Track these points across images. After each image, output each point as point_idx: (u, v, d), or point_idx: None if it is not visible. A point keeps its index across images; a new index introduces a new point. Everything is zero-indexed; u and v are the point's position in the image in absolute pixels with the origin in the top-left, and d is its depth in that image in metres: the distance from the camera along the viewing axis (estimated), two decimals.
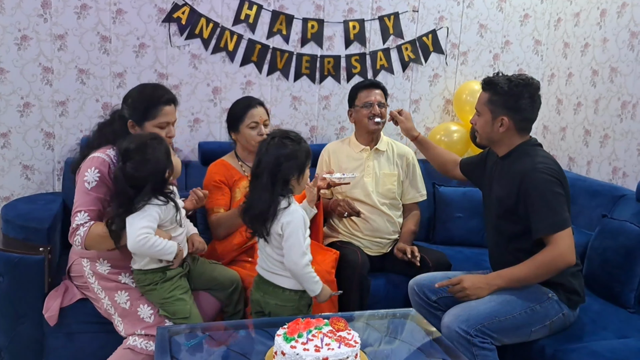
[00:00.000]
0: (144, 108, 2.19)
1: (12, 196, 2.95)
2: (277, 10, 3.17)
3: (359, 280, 2.51)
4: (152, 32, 3.02)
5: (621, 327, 2.25)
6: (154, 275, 2.13)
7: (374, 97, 2.78)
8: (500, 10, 3.51)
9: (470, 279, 2.15)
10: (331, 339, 1.66)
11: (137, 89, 2.28)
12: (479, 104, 2.28)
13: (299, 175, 2.04)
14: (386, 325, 2.18)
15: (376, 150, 2.84)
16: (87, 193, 2.10)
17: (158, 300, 2.14)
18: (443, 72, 3.50)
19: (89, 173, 2.10)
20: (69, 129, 2.99)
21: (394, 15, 3.34)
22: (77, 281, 2.28)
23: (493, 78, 2.23)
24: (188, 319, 2.12)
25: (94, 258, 2.21)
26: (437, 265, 2.61)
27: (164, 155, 2.06)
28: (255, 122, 2.55)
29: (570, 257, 2.05)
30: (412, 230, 2.84)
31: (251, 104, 2.59)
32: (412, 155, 2.91)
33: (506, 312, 2.06)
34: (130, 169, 2.01)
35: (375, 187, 2.81)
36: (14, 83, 2.87)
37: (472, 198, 3.15)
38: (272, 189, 1.99)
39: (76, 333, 2.33)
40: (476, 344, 2.00)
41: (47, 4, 2.85)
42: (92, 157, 2.14)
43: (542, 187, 2.08)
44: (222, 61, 3.16)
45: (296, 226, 1.99)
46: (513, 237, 2.20)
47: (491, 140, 2.28)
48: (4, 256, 2.27)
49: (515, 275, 2.12)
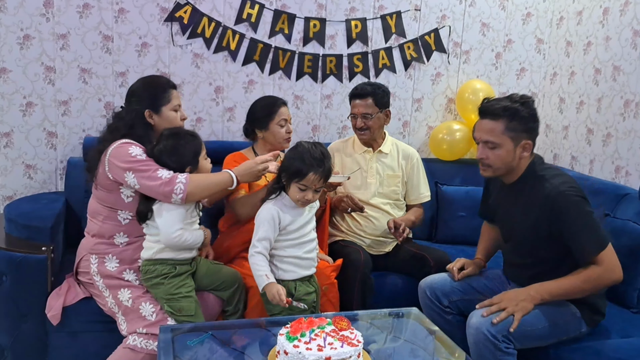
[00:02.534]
0: (155, 94, 2.25)
1: (15, 195, 2.95)
2: (279, 9, 3.17)
3: (361, 279, 2.51)
4: (154, 31, 3.02)
5: (624, 326, 2.25)
6: (163, 267, 2.15)
7: (357, 109, 2.76)
8: (502, 8, 3.51)
9: (511, 296, 2.08)
10: (334, 338, 1.66)
11: (140, 82, 2.33)
12: (494, 136, 2.10)
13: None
14: (389, 324, 2.18)
15: (379, 152, 2.84)
16: (147, 161, 2.13)
17: (164, 296, 2.14)
18: (445, 70, 3.50)
19: (133, 149, 2.13)
20: (72, 128, 2.99)
21: (396, 14, 3.34)
22: (84, 277, 2.28)
23: (501, 105, 2.08)
24: (193, 317, 2.13)
25: (102, 254, 2.21)
26: (438, 264, 2.61)
27: (191, 152, 2.17)
28: (284, 119, 2.61)
29: (619, 274, 2.04)
30: (411, 219, 2.81)
31: (278, 102, 2.64)
32: (416, 157, 2.90)
33: (532, 324, 2.03)
34: (157, 151, 2.15)
35: (378, 188, 2.81)
36: (16, 82, 2.87)
37: (474, 197, 3.13)
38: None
39: (79, 332, 2.33)
40: (501, 349, 1.98)
41: (49, 4, 2.85)
42: (121, 144, 2.15)
43: (575, 211, 2.03)
44: (224, 60, 3.16)
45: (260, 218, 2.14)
46: (554, 259, 2.14)
47: (510, 168, 2.15)
48: (6, 255, 2.27)
49: (562, 288, 2.06)
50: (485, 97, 2.26)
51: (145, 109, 2.24)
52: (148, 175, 2.09)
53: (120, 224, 2.22)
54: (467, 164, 3.43)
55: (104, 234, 2.23)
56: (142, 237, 2.24)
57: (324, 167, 2.10)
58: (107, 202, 2.21)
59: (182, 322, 2.12)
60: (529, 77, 3.64)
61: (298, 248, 2.18)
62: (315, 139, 3.36)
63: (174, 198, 2.09)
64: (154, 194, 2.11)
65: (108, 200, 2.21)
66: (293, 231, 2.16)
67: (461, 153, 3.43)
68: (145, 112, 2.24)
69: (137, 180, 2.10)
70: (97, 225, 2.23)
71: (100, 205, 2.23)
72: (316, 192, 2.14)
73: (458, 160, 3.44)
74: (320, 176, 2.10)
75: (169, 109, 2.27)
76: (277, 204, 2.15)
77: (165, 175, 2.09)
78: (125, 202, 2.20)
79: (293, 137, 3.17)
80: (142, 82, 2.32)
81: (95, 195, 2.25)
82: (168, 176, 2.09)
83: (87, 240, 2.27)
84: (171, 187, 2.07)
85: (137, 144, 2.17)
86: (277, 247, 2.16)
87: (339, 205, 2.70)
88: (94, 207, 2.26)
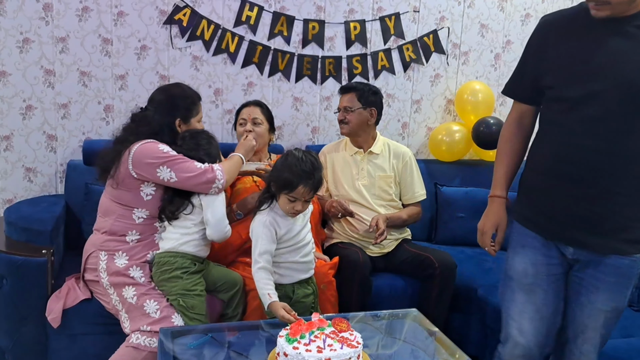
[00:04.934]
0: (190, 106, 2.35)
1: (15, 199, 2.95)
2: (278, 11, 3.17)
3: (360, 281, 2.51)
4: (153, 34, 3.02)
5: (626, 325, 2.25)
6: (184, 260, 2.18)
7: (340, 103, 2.83)
8: (501, 10, 3.51)
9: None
10: (334, 340, 1.66)
11: (174, 90, 2.39)
12: None
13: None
14: (389, 325, 2.18)
15: (370, 153, 2.83)
16: (180, 155, 2.21)
17: (180, 290, 2.16)
18: (444, 72, 3.50)
19: (163, 147, 2.21)
20: (71, 132, 3.00)
21: (395, 16, 3.34)
22: (90, 274, 2.28)
23: None
24: (202, 317, 2.17)
25: (112, 251, 2.22)
26: (442, 265, 2.61)
27: (217, 148, 2.34)
28: (243, 119, 2.74)
29: None
30: (402, 217, 2.81)
31: (246, 104, 2.81)
32: (409, 155, 2.89)
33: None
34: (188, 148, 2.25)
35: (371, 190, 2.80)
36: (16, 86, 2.88)
37: (474, 198, 3.15)
38: None
39: (79, 335, 2.34)
40: None
41: (48, 7, 2.86)
42: (146, 142, 2.20)
43: None
44: (224, 63, 3.16)
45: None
46: None
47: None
48: (7, 258, 2.28)
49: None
50: (484, 96, 2.14)
51: (177, 119, 2.31)
52: (186, 166, 2.17)
53: (133, 223, 2.24)
54: (467, 164, 3.44)
55: (116, 232, 2.24)
56: (153, 235, 2.27)
57: (314, 179, 2.06)
58: (124, 201, 2.23)
59: (191, 319, 2.14)
60: None
61: (295, 253, 2.18)
62: (315, 141, 3.36)
63: (215, 184, 2.19)
64: (192, 184, 2.17)
65: (125, 199, 2.23)
66: (289, 239, 2.15)
67: (460, 154, 3.43)
68: (177, 121, 2.31)
69: (174, 173, 2.15)
70: (109, 223, 2.25)
71: (114, 203, 2.25)
72: (306, 203, 2.12)
73: (457, 161, 3.44)
74: (310, 188, 2.06)
75: (196, 120, 2.37)
76: (270, 215, 2.12)
77: (202, 166, 2.19)
78: (144, 200, 2.23)
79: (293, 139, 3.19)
80: (172, 92, 2.36)
81: (111, 194, 2.26)
82: (205, 166, 2.20)
83: (96, 237, 2.28)
84: (212, 174, 2.19)
85: (163, 143, 2.24)
86: (274, 254, 2.14)
87: (329, 210, 2.71)
88: (107, 205, 2.27)
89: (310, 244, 2.24)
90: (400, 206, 2.89)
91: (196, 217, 2.24)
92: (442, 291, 2.63)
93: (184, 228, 2.22)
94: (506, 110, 3.61)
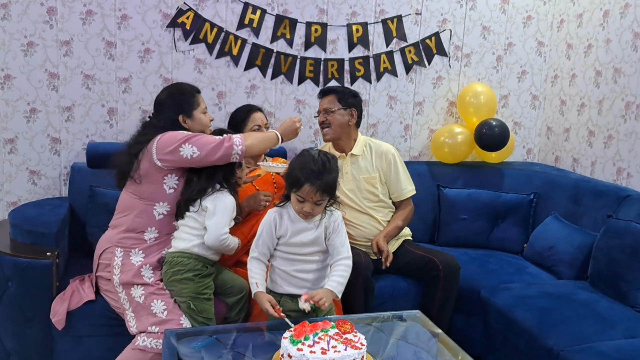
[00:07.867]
0: (185, 100, 2.36)
1: (20, 201, 2.97)
2: (281, 14, 3.19)
3: (363, 283, 2.51)
4: (157, 37, 3.04)
5: (629, 326, 2.25)
6: (197, 263, 2.20)
7: (320, 107, 2.83)
8: (503, 12, 3.52)
9: None
10: (337, 341, 1.67)
11: (167, 90, 2.43)
12: None
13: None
14: (392, 327, 2.18)
15: (352, 156, 2.82)
16: (198, 134, 2.27)
17: (191, 293, 2.17)
18: (446, 74, 3.51)
19: (180, 132, 2.25)
20: (75, 134, 3.01)
21: (397, 18, 3.35)
22: (102, 271, 2.29)
23: None
24: (211, 321, 2.18)
25: (129, 248, 2.24)
26: (446, 268, 2.61)
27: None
28: (257, 125, 2.70)
29: None
30: (398, 225, 2.79)
31: (252, 109, 2.76)
32: (392, 152, 2.84)
33: None
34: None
35: (357, 193, 2.79)
36: (20, 89, 2.89)
37: (476, 200, 3.15)
38: None
39: (84, 336, 2.35)
40: None
41: (52, 11, 2.87)
42: (165, 134, 2.24)
43: None
44: (227, 65, 3.18)
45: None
46: None
47: None
48: (12, 261, 2.29)
49: None
50: (486, 98, 2.09)
51: (178, 115, 2.34)
52: (206, 139, 2.23)
53: (153, 219, 2.27)
54: (469, 166, 3.44)
55: (134, 229, 2.26)
56: (170, 234, 2.30)
57: (322, 180, 1.96)
58: (146, 194, 2.26)
59: (199, 322, 2.16)
60: (530, 79, 3.65)
61: (288, 263, 2.09)
62: (317, 143, 3.37)
63: (235, 150, 2.22)
64: (214, 156, 2.20)
65: (147, 192, 2.25)
66: (284, 244, 2.09)
67: (463, 156, 3.43)
68: (179, 118, 2.34)
69: (195, 147, 2.20)
70: (129, 218, 2.27)
71: (136, 199, 2.27)
72: (317, 206, 2.01)
73: (460, 163, 3.44)
74: (317, 189, 1.95)
75: (199, 112, 2.39)
76: (278, 212, 2.10)
77: (220, 137, 2.25)
78: (166, 193, 2.26)
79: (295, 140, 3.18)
80: (169, 91, 2.41)
81: (133, 190, 2.28)
82: (225, 136, 2.26)
83: (113, 234, 2.30)
84: (230, 142, 2.23)
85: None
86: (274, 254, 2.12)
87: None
88: (128, 201, 2.29)
89: (310, 265, 2.11)
90: (391, 205, 2.86)
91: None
92: (446, 293, 2.64)
93: (196, 229, 2.23)
94: (508, 112, 3.63)
